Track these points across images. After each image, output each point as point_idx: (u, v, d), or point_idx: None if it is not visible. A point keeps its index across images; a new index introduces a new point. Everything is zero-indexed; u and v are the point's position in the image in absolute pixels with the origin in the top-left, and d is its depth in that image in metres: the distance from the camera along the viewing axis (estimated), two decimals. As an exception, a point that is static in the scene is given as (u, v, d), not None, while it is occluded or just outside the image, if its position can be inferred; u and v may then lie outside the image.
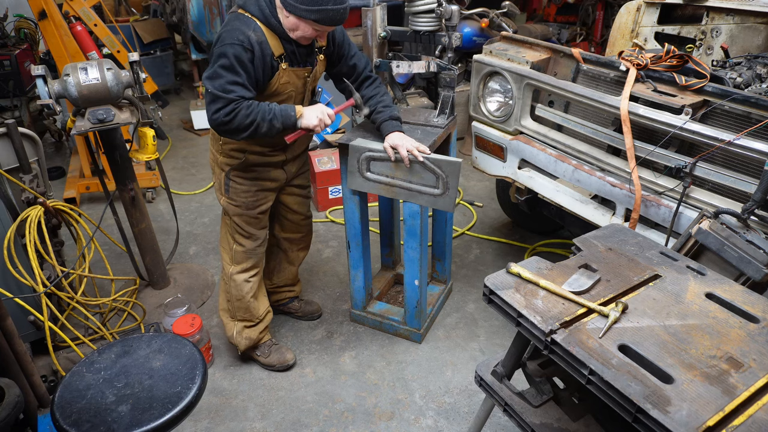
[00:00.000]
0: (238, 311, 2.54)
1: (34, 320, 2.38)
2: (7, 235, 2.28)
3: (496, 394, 1.69)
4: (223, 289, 2.58)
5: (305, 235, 2.76)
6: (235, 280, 2.49)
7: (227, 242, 2.50)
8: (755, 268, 1.73)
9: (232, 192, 2.36)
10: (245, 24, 2.01)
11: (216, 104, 2.00)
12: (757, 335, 1.35)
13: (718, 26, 3.26)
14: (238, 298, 2.51)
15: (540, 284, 1.50)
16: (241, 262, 2.48)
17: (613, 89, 2.36)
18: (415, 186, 2.32)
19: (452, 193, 2.28)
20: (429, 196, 2.32)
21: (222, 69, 1.98)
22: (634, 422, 1.17)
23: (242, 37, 1.97)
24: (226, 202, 2.39)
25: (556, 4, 6.33)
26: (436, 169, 2.24)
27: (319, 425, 2.37)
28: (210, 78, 2.01)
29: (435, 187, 2.28)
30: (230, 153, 2.29)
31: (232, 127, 2.02)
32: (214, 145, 2.35)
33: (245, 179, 2.34)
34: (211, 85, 2.00)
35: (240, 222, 2.42)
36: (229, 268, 2.50)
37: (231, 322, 2.58)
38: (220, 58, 1.98)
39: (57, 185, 4.41)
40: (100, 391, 1.59)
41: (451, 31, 2.35)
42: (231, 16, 2.08)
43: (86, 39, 4.06)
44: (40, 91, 2.33)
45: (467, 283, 3.24)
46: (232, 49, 1.97)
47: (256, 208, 2.40)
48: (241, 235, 2.45)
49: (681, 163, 2.08)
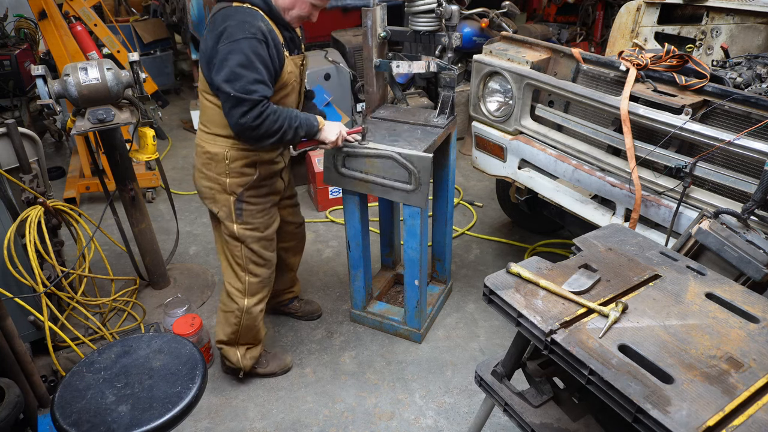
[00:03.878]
0: (243, 338, 2.42)
1: (34, 320, 2.38)
2: (7, 235, 2.28)
3: (496, 394, 1.69)
4: (229, 322, 2.38)
5: (299, 241, 2.73)
6: (252, 312, 2.34)
7: (236, 276, 2.31)
8: (755, 268, 1.73)
9: (246, 215, 2.18)
10: (251, 15, 1.89)
11: (241, 107, 1.86)
12: (757, 335, 1.34)
13: (718, 26, 3.26)
14: (250, 327, 2.40)
15: (540, 284, 1.50)
16: (256, 293, 2.34)
17: (613, 89, 2.35)
18: (388, 182, 2.32)
19: (424, 189, 2.28)
20: (402, 192, 2.32)
21: (240, 68, 1.83)
22: (634, 422, 1.17)
23: (254, 30, 1.85)
24: (241, 229, 2.20)
25: (556, 4, 6.33)
26: (408, 165, 2.24)
27: (319, 425, 2.37)
28: (228, 80, 1.84)
29: (407, 182, 2.29)
30: (242, 171, 2.12)
31: (259, 132, 1.91)
32: (217, 167, 2.12)
33: (259, 197, 2.20)
34: (231, 88, 1.84)
35: (258, 248, 2.26)
36: (243, 302, 2.32)
37: (233, 349, 2.45)
38: (233, 56, 1.83)
39: (57, 185, 4.40)
40: (100, 391, 1.59)
41: (451, 31, 2.35)
42: (229, 9, 1.91)
43: (86, 39, 4.06)
44: (40, 91, 2.33)
45: (467, 283, 3.24)
46: (247, 43, 1.83)
47: (271, 226, 2.29)
48: (255, 264, 2.29)
49: (681, 163, 2.08)
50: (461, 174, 4.47)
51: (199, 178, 2.21)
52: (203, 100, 2.09)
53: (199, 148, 2.16)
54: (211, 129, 2.10)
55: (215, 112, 2.05)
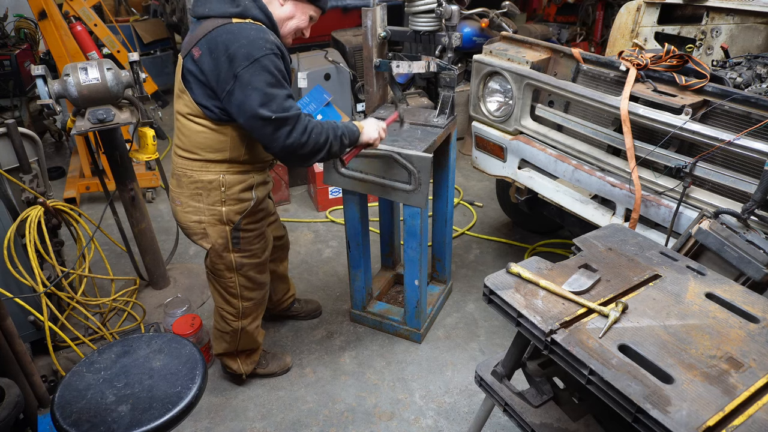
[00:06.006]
0: (241, 348, 2.41)
1: (34, 320, 2.38)
2: (7, 235, 2.28)
3: (496, 394, 1.69)
4: (225, 340, 2.35)
5: (285, 250, 2.70)
6: (248, 330, 2.31)
7: (229, 303, 2.23)
8: (755, 268, 1.73)
9: (244, 243, 2.07)
10: (259, 30, 1.78)
11: (286, 127, 1.76)
12: (757, 335, 1.34)
13: (718, 26, 3.26)
14: (248, 341, 2.38)
15: (540, 284, 1.50)
16: (251, 313, 2.30)
17: (613, 89, 2.35)
18: (387, 182, 2.31)
19: (424, 189, 2.27)
20: (401, 192, 2.31)
21: (270, 87, 1.74)
22: (634, 422, 1.17)
23: (269, 44, 1.75)
24: (239, 257, 2.10)
25: (556, 4, 6.32)
26: (407, 165, 2.23)
27: (319, 425, 2.37)
28: (264, 104, 1.73)
29: (407, 183, 2.28)
30: (240, 197, 2.00)
31: (308, 149, 1.82)
32: (210, 197, 1.97)
33: (256, 222, 2.10)
34: (270, 111, 1.73)
35: (254, 274, 2.18)
36: (237, 324, 2.27)
37: (233, 359, 2.44)
38: (258, 77, 1.71)
39: (57, 185, 4.41)
40: (100, 391, 1.59)
41: (451, 31, 2.35)
42: (230, 27, 1.77)
43: (86, 39, 4.06)
44: (40, 91, 2.33)
45: (467, 283, 3.24)
46: (269, 61, 1.73)
47: (267, 249, 2.22)
48: (249, 290, 2.22)
49: (681, 163, 2.08)
50: (461, 174, 4.47)
51: (185, 213, 2.03)
52: (189, 124, 1.92)
53: (186, 178, 1.98)
54: (202, 155, 1.94)
55: (207, 137, 1.91)
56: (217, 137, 1.92)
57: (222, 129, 1.91)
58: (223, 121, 1.89)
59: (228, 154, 1.95)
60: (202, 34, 1.80)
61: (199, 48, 1.80)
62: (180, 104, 1.94)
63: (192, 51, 1.82)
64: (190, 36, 1.87)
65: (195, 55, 1.81)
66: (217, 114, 1.87)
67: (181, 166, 2.00)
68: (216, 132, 1.92)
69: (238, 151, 1.96)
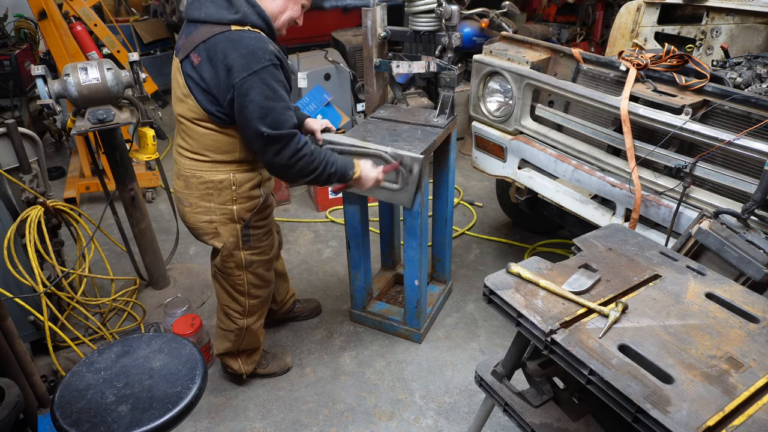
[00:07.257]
0: (243, 348, 2.41)
1: (34, 320, 2.38)
2: (7, 235, 2.28)
3: (496, 394, 1.69)
4: (228, 339, 2.35)
5: (279, 246, 2.65)
6: (252, 329, 2.33)
7: (235, 300, 2.24)
8: (755, 268, 1.73)
9: (254, 240, 2.10)
10: (259, 40, 1.76)
11: (276, 146, 1.79)
12: (757, 335, 1.34)
13: (718, 26, 3.26)
14: (251, 340, 2.38)
15: (540, 284, 1.50)
16: (256, 311, 2.31)
17: (613, 89, 2.35)
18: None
19: (411, 189, 2.26)
20: (387, 191, 2.31)
21: (268, 101, 1.74)
22: (634, 422, 1.17)
23: (268, 55, 1.74)
24: (249, 255, 2.12)
25: (556, 4, 6.32)
26: (390, 160, 2.22)
27: (319, 425, 2.37)
28: (262, 117, 1.74)
29: (394, 182, 2.28)
30: (250, 194, 2.02)
31: (292, 171, 1.85)
32: (221, 196, 1.99)
33: (264, 219, 2.12)
34: (264, 127, 1.75)
35: (262, 272, 2.20)
36: (242, 322, 2.28)
37: (234, 358, 2.44)
38: (255, 90, 1.72)
39: (57, 185, 4.40)
40: (100, 391, 1.59)
41: (451, 31, 2.35)
42: (230, 35, 1.75)
43: (86, 39, 4.06)
44: (40, 91, 2.33)
45: (467, 283, 3.24)
46: (267, 73, 1.73)
47: (274, 246, 2.25)
48: (257, 287, 2.23)
49: (681, 163, 2.08)
50: (461, 174, 4.47)
51: (194, 214, 2.04)
52: (196, 128, 1.92)
53: (195, 179, 1.98)
54: (212, 156, 1.96)
55: (216, 138, 1.93)
56: (227, 139, 1.94)
57: (230, 131, 1.93)
58: (230, 125, 1.90)
59: (238, 155, 1.97)
60: (201, 40, 1.79)
61: (198, 54, 1.80)
62: (183, 108, 1.92)
63: (191, 56, 1.82)
64: (186, 39, 1.85)
65: (194, 61, 1.81)
66: (223, 118, 1.87)
67: (189, 168, 2.00)
68: (224, 134, 1.93)
69: (248, 150, 1.98)
